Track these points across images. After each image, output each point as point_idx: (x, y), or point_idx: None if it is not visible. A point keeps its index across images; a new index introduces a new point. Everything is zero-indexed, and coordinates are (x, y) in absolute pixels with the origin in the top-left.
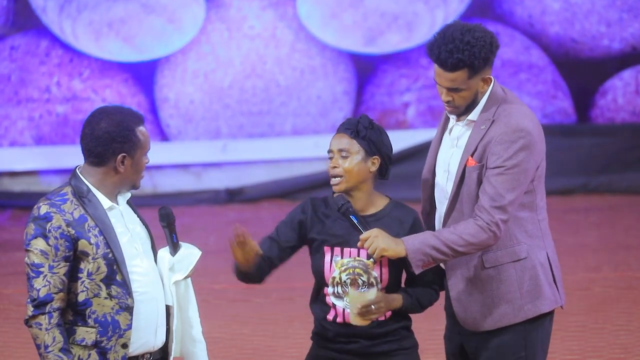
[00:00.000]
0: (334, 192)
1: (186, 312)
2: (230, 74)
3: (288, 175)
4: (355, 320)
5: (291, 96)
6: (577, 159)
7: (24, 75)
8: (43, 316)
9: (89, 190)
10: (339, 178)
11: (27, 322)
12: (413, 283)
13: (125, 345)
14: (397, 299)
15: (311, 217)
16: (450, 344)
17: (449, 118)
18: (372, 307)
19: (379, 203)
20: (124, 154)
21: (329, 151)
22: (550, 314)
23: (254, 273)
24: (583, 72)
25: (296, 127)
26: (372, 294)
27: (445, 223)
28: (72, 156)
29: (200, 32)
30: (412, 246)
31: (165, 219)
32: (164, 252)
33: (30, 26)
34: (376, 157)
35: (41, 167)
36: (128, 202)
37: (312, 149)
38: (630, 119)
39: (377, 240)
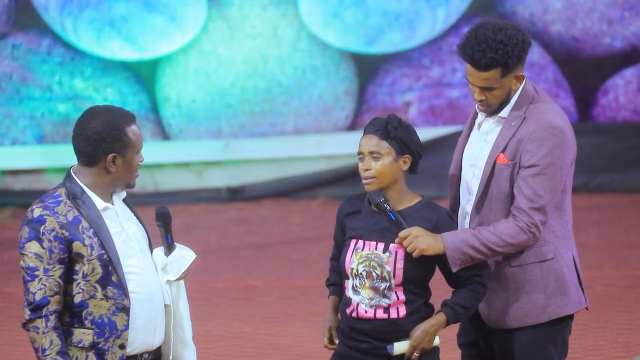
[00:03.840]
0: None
1: (178, 314)
2: (231, 73)
3: (289, 174)
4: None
5: (293, 95)
6: (578, 157)
7: (26, 74)
8: (40, 320)
9: (82, 191)
10: (371, 179)
11: (24, 325)
12: (455, 281)
13: (122, 346)
14: (437, 323)
15: (344, 217)
16: (465, 337)
17: (477, 114)
18: (415, 353)
19: (409, 201)
20: (114, 154)
21: (359, 153)
22: (571, 316)
23: None
24: (584, 70)
25: (298, 126)
26: (402, 346)
27: (472, 219)
28: (74, 155)
29: (201, 31)
30: (452, 244)
31: (161, 218)
32: (158, 252)
33: (31, 25)
34: (407, 155)
35: (43, 165)
36: (124, 201)
37: (313, 148)
38: (631, 117)
39: (418, 240)
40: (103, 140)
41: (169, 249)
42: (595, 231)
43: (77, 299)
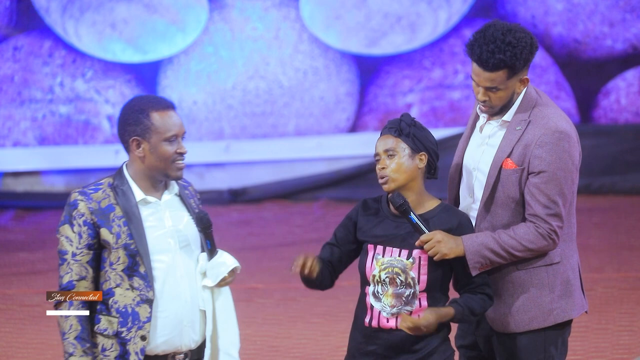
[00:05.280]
0: (388, 192)
1: (221, 321)
2: (233, 75)
3: (291, 175)
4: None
5: (294, 97)
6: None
7: (27, 76)
8: (65, 303)
9: (125, 182)
10: (387, 178)
11: (56, 308)
12: (464, 286)
13: (144, 338)
14: (447, 314)
15: (360, 218)
16: (464, 340)
17: (478, 116)
18: (423, 328)
19: (428, 204)
20: (137, 137)
21: (375, 154)
22: (571, 320)
23: (316, 281)
24: (586, 72)
25: (299, 128)
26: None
27: (477, 223)
28: (75, 156)
29: (203, 33)
30: (471, 247)
31: (200, 223)
32: (203, 256)
33: (33, 27)
34: (423, 153)
35: (44, 167)
36: (181, 195)
37: (314, 150)
38: (633, 119)
39: (440, 245)
40: (126, 123)
41: (210, 254)
42: (597, 233)
43: (106, 286)
